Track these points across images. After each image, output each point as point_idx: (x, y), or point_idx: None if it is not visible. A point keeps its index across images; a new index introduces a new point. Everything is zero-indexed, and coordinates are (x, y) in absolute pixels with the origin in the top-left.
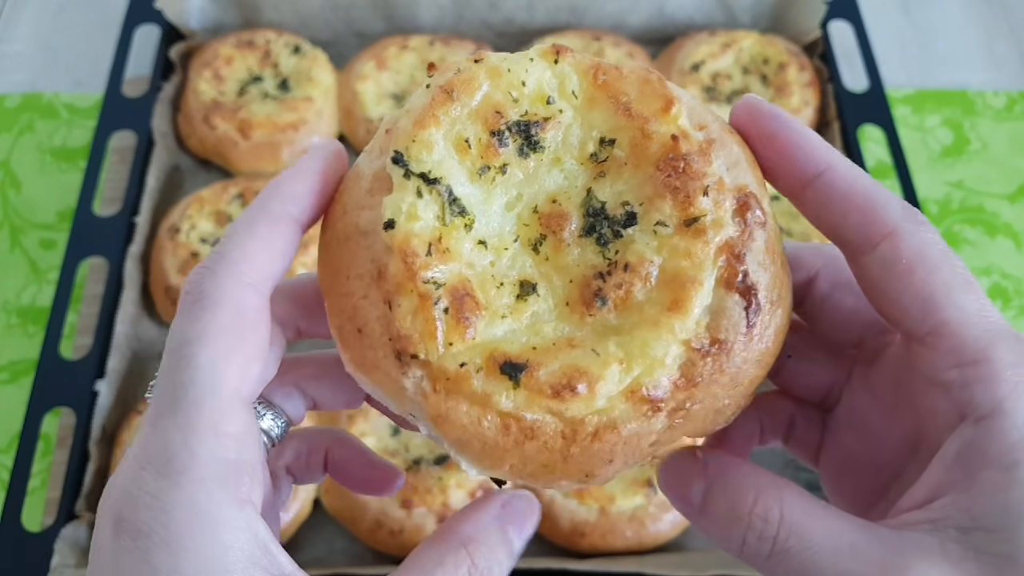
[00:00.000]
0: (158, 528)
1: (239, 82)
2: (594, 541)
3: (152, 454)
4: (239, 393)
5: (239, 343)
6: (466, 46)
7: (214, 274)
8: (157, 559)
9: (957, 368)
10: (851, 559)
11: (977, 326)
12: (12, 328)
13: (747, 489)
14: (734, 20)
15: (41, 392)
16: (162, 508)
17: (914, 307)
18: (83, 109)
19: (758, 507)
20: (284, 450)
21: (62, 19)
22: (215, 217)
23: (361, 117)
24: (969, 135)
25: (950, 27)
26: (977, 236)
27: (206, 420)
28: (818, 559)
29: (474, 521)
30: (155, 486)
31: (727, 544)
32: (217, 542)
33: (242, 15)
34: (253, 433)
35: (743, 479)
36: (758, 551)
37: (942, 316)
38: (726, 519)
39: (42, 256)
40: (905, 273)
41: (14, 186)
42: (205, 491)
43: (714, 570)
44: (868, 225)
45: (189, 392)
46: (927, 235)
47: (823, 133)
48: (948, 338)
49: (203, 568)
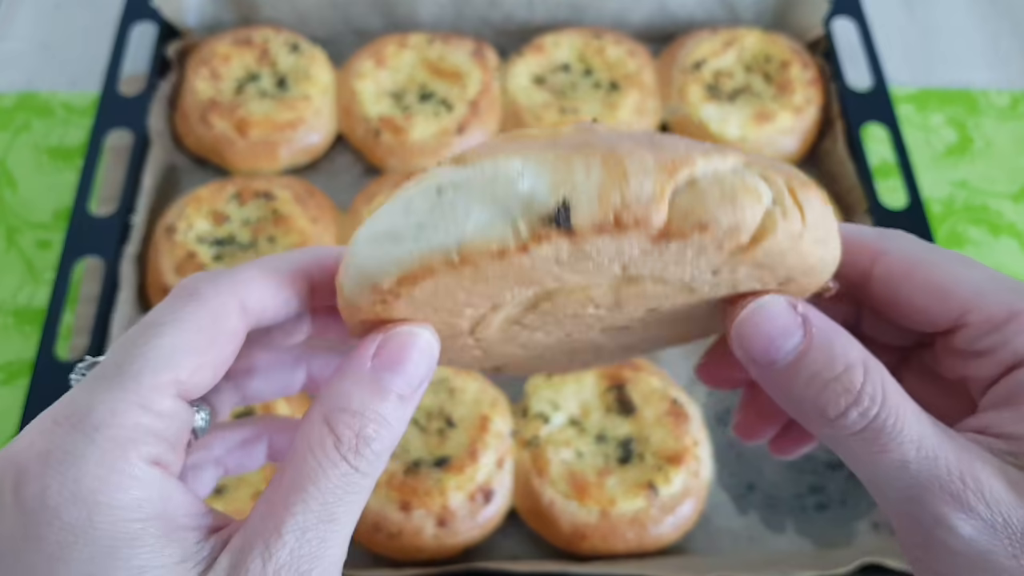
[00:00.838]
0: (69, 483)
1: (236, 80)
2: (595, 544)
3: (71, 411)
4: (180, 384)
5: (205, 344)
6: (466, 44)
7: (214, 282)
8: (68, 515)
9: (995, 331)
10: (934, 449)
11: (996, 291)
12: (7, 329)
13: (851, 354)
14: (736, 17)
15: (37, 393)
16: (73, 463)
17: (932, 302)
18: (79, 108)
19: (868, 386)
20: (212, 441)
21: (58, 17)
22: (212, 216)
23: (360, 115)
24: (973, 134)
25: (954, 25)
26: (981, 235)
27: (138, 394)
28: (906, 441)
29: (334, 386)
30: (69, 440)
31: (819, 412)
32: (130, 496)
33: (239, 13)
34: (180, 421)
35: (846, 344)
36: (853, 424)
37: (961, 295)
38: (821, 384)
39: (38, 256)
40: (906, 282)
41: (10, 185)
42: (120, 449)
43: (716, 573)
44: (856, 262)
45: (135, 364)
46: (906, 242)
47: (826, 131)
48: (976, 311)
49: (116, 523)
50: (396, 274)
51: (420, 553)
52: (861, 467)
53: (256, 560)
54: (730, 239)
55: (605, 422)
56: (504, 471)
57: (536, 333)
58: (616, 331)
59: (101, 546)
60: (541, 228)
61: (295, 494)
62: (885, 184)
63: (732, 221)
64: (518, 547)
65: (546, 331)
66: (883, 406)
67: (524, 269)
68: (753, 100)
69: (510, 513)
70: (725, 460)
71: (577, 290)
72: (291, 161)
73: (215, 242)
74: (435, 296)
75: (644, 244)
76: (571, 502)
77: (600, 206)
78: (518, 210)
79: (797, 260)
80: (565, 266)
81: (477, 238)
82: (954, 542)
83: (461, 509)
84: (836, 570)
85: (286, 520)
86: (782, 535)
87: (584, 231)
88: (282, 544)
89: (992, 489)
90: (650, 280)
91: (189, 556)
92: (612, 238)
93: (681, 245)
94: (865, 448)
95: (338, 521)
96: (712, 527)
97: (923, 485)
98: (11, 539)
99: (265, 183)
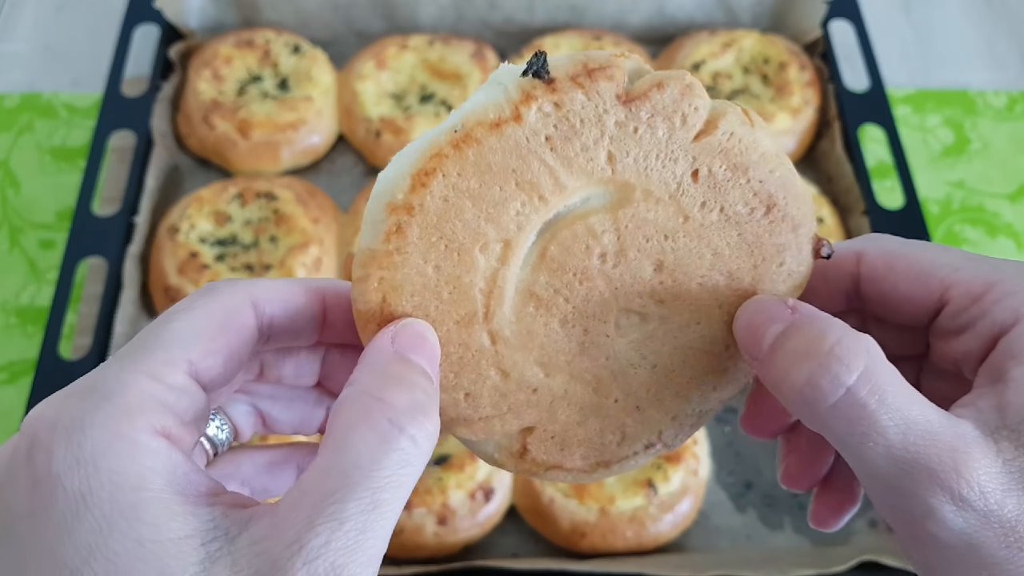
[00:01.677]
0: (73, 448)
1: (238, 82)
2: (594, 542)
3: (83, 384)
4: (191, 364)
5: (215, 331)
6: (466, 46)
7: (232, 283)
8: (71, 482)
9: (974, 304)
10: (923, 436)
11: (972, 267)
12: (11, 328)
13: (831, 329)
14: (734, 20)
15: (40, 392)
16: (79, 428)
17: (915, 287)
18: (82, 109)
19: (839, 348)
20: (241, 459)
21: (61, 19)
22: (214, 217)
23: (361, 117)
24: (970, 135)
25: (951, 27)
26: (978, 236)
27: (147, 366)
28: (889, 425)
29: (364, 371)
30: (76, 408)
31: (787, 385)
32: (134, 463)
33: (241, 15)
34: (191, 398)
35: (829, 322)
36: (825, 394)
37: (940, 275)
38: (796, 357)
39: (41, 256)
40: (889, 273)
41: (13, 186)
42: (127, 417)
43: (715, 571)
44: (842, 266)
45: (147, 344)
46: (884, 240)
47: (824, 133)
48: (955, 287)
49: (115, 489)
50: (409, 173)
51: (420, 551)
52: (846, 450)
53: (283, 552)
54: (688, 104)
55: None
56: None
57: (552, 324)
58: (635, 327)
59: (101, 516)
60: (526, 84)
61: (334, 481)
62: (882, 185)
63: (684, 83)
64: (518, 545)
65: (562, 319)
66: (861, 378)
67: (520, 151)
68: (751, 101)
69: (510, 511)
70: (723, 459)
71: (578, 219)
72: (293, 162)
73: (217, 242)
74: (446, 210)
75: (617, 111)
76: (571, 500)
77: (570, 59)
78: (507, 77)
79: (762, 163)
80: (556, 147)
81: (476, 108)
82: (944, 535)
83: (461, 507)
84: (834, 568)
85: (323, 508)
86: (780, 533)
87: (561, 80)
88: (314, 535)
89: (987, 475)
90: (641, 193)
91: (196, 533)
92: (587, 96)
93: (649, 113)
94: (847, 429)
95: (382, 509)
96: (711, 525)
97: (911, 475)
98: (24, 510)
99: (267, 184)
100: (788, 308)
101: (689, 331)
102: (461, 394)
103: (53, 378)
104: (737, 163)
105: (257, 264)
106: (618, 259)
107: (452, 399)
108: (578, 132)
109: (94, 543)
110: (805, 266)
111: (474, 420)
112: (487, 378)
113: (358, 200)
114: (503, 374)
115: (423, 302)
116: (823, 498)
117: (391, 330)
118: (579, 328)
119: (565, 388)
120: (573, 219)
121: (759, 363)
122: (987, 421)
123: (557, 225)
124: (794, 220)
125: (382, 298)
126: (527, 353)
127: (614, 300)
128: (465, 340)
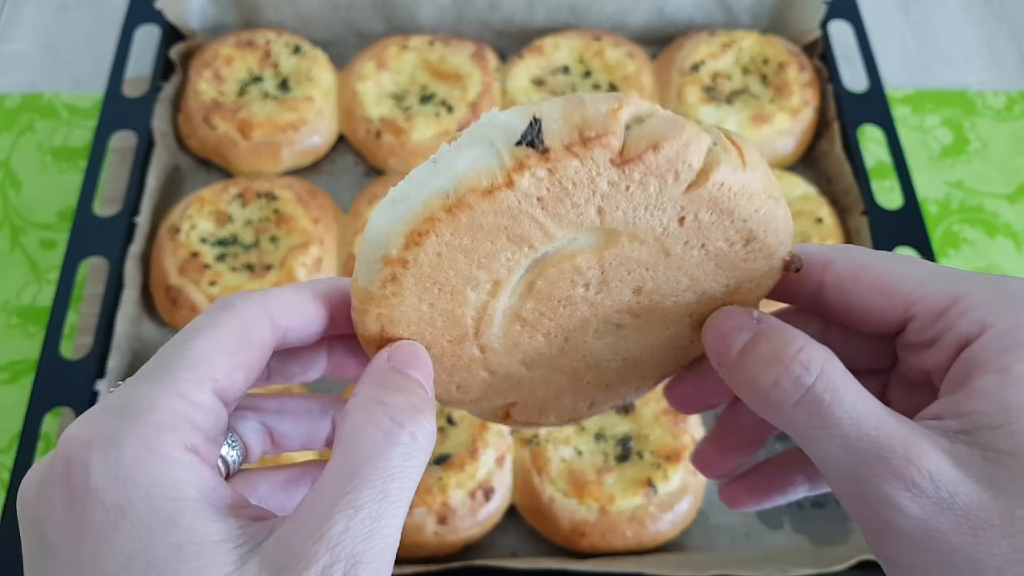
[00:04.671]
0: (110, 465)
1: (239, 82)
2: (594, 541)
3: (113, 403)
4: (215, 381)
5: (236, 347)
6: (466, 46)
7: (246, 297)
8: (109, 496)
9: (940, 319)
10: (876, 428)
11: (937, 282)
12: (12, 328)
13: (794, 339)
14: (734, 20)
15: (41, 392)
16: (114, 445)
17: (879, 301)
18: (83, 109)
19: (802, 355)
20: (257, 479)
21: (62, 19)
22: (215, 217)
23: (361, 117)
24: (969, 135)
25: (950, 27)
26: (977, 236)
27: (175, 384)
28: (844, 416)
29: (366, 383)
30: (111, 426)
31: (755, 387)
32: (169, 477)
33: (242, 15)
34: (216, 417)
35: (792, 333)
36: (788, 395)
37: (905, 290)
38: (763, 362)
39: (42, 256)
40: (855, 285)
41: (14, 186)
42: (159, 434)
43: (714, 570)
44: (810, 274)
45: (172, 363)
46: (853, 251)
47: (823, 133)
48: (920, 303)
49: (153, 500)
50: (403, 232)
51: (420, 550)
52: (808, 446)
53: (306, 542)
54: (681, 162)
55: (604, 420)
56: (504, 469)
57: (536, 336)
58: (611, 332)
59: (140, 525)
60: (520, 153)
61: (346, 476)
62: (881, 185)
63: (680, 141)
64: (518, 544)
65: (545, 333)
66: (819, 378)
67: (512, 212)
68: (751, 102)
69: (510, 510)
70: None
71: (565, 259)
72: (293, 162)
73: (218, 242)
74: (439, 263)
75: (610, 172)
76: (570, 499)
77: (565, 124)
78: (500, 140)
79: (748, 204)
80: (548, 207)
81: (468, 172)
82: (901, 522)
83: (461, 506)
84: (833, 567)
85: (339, 499)
86: (779, 532)
87: (556, 150)
88: (333, 523)
89: (938, 466)
90: (627, 238)
91: (228, 538)
92: (581, 162)
93: (642, 173)
94: (808, 423)
95: (392, 498)
96: (710, 524)
97: (866, 463)
98: (63, 527)
99: (267, 184)
100: (754, 319)
101: (659, 334)
102: (453, 386)
103: (54, 378)
104: (723, 208)
105: (258, 264)
106: (600, 288)
107: (446, 389)
108: (569, 193)
109: (133, 550)
110: (773, 280)
111: (465, 402)
112: (476, 375)
113: (358, 200)
114: (491, 372)
115: (419, 330)
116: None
117: (387, 350)
118: (560, 338)
119: (545, 377)
120: (560, 258)
121: (727, 368)
122: (945, 426)
123: (545, 263)
124: (770, 249)
125: (380, 328)
126: (512, 357)
127: (594, 317)
128: (457, 352)
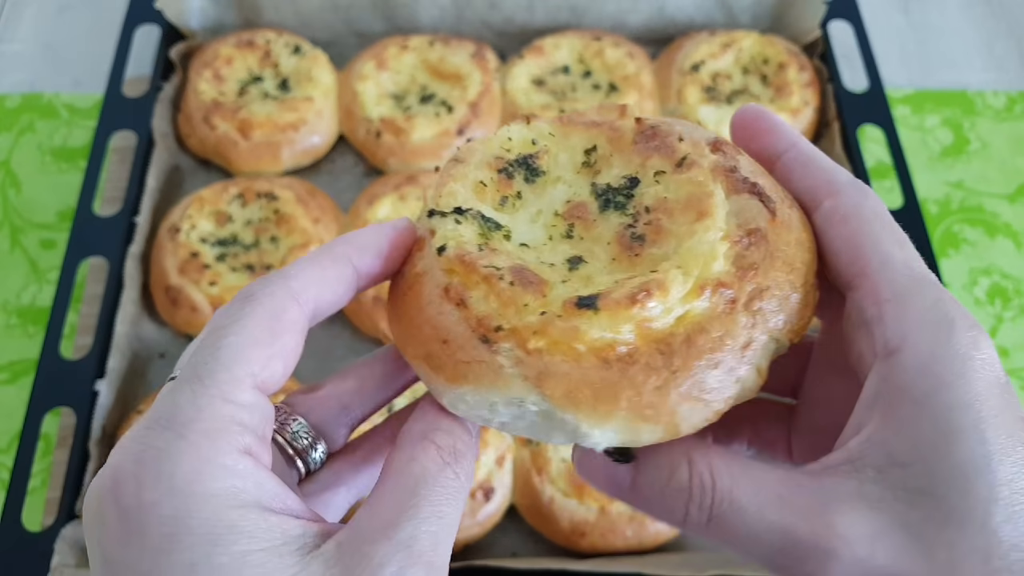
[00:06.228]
0: (164, 478)
1: (239, 82)
2: (594, 541)
3: (159, 414)
4: (255, 377)
5: (268, 337)
6: (466, 46)
7: (266, 283)
8: (166, 508)
9: (875, 306)
10: (777, 511)
11: (899, 272)
12: (12, 328)
13: (679, 458)
14: (734, 20)
15: (41, 392)
16: (167, 457)
17: (844, 253)
18: (83, 109)
19: (695, 477)
20: (339, 465)
21: (62, 19)
22: (215, 217)
23: (361, 117)
24: (969, 135)
25: (950, 27)
26: (977, 236)
27: (217, 388)
28: (748, 518)
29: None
30: (160, 439)
31: (669, 518)
32: (226, 485)
33: (242, 15)
34: (262, 414)
35: (671, 449)
36: (698, 520)
37: (867, 259)
38: (666, 493)
39: (42, 256)
40: (840, 224)
41: (14, 186)
42: (210, 441)
43: (714, 570)
44: (818, 188)
45: (208, 365)
46: (867, 200)
47: (823, 133)
48: (871, 278)
49: (213, 510)
50: None
51: None
52: (732, 551)
53: (376, 546)
54: None
55: None
56: (504, 469)
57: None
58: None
59: (202, 535)
60: None
61: (406, 494)
62: (881, 185)
63: None
64: (518, 544)
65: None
66: (714, 490)
67: None
68: (750, 101)
69: (510, 510)
70: None
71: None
72: (293, 162)
73: (218, 242)
74: None
75: None
76: (570, 500)
77: None
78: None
79: None
80: None
81: None
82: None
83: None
84: None
85: (400, 516)
86: None
87: None
88: (399, 530)
89: (850, 525)
90: None
91: (290, 540)
92: None
93: None
94: (721, 537)
95: (446, 519)
96: None
97: (783, 552)
98: (116, 542)
99: (267, 184)
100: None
101: None
102: None
103: (54, 378)
104: None
105: (258, 264)
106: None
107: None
108: None
109: (196, 559)
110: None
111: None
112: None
113: (358, 200)
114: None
115: None
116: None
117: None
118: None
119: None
120: None
121: (625, 497)
122: (857, 466)
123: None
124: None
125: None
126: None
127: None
128: None
